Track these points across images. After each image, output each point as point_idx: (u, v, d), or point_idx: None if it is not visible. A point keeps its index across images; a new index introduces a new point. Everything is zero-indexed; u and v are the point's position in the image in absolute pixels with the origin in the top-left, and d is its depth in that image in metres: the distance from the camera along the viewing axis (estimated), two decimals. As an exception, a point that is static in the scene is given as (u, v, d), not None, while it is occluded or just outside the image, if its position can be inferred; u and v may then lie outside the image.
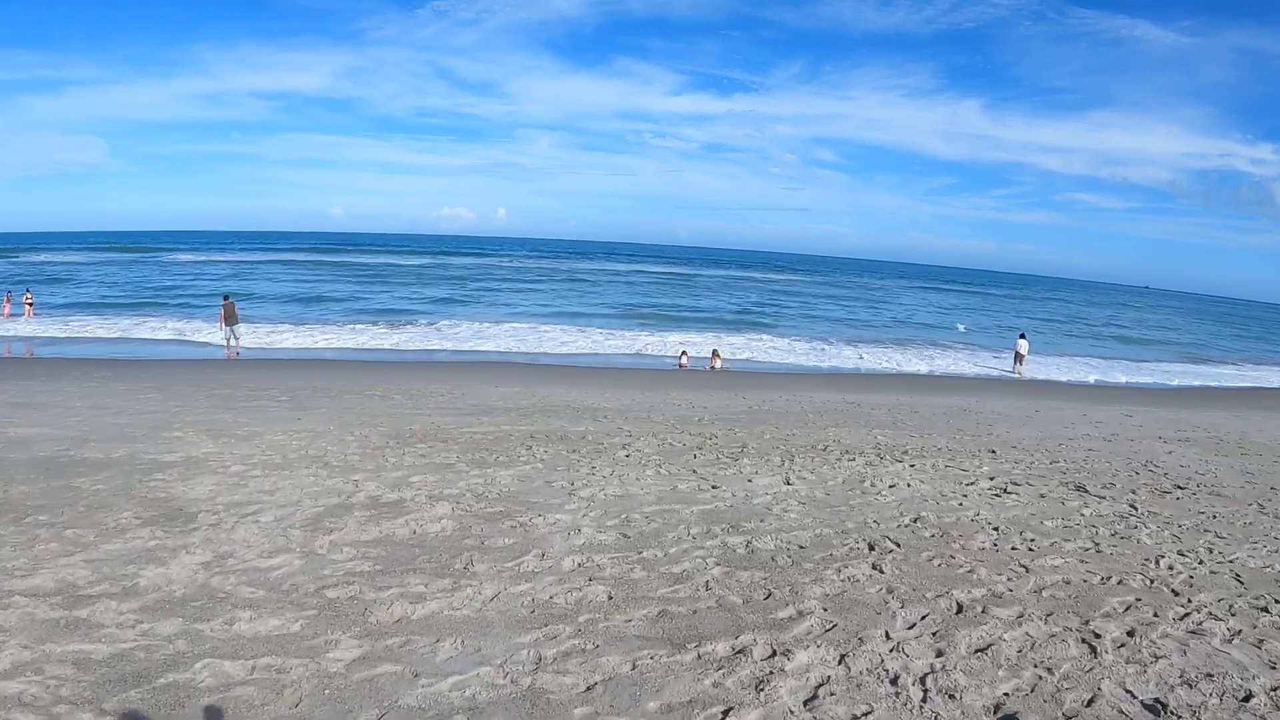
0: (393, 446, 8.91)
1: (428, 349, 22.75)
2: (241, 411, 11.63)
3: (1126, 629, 4.61)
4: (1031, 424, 14.13)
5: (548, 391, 15.27)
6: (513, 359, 21.28)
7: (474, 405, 12.93)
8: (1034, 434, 12.87)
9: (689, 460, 8.31)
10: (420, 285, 45.41)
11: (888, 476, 7.83)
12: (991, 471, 8.63)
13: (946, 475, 8.17)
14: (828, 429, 11.68)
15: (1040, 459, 9.99)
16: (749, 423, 11.98)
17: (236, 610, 4.48)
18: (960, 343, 33.11)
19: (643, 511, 6.07)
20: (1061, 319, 55.30)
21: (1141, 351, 36.05)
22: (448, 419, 11.22)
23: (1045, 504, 7.23)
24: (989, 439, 11.66)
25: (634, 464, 7.96)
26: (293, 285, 42.85)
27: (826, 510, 6.35)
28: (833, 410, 14.27)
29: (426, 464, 7.90)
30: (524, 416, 11.66)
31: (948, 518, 6.45)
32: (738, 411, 13.53)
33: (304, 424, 10.51)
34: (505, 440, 9.39)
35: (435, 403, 13.20)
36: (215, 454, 8.43)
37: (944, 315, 48.85)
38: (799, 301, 49.91)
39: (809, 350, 27.62)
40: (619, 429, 10.59)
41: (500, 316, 32.00)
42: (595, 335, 28.73)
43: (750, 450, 9.20)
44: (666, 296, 47.23)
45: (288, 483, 7.14)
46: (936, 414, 14.59)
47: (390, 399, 13.57)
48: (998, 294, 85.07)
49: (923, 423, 13.20)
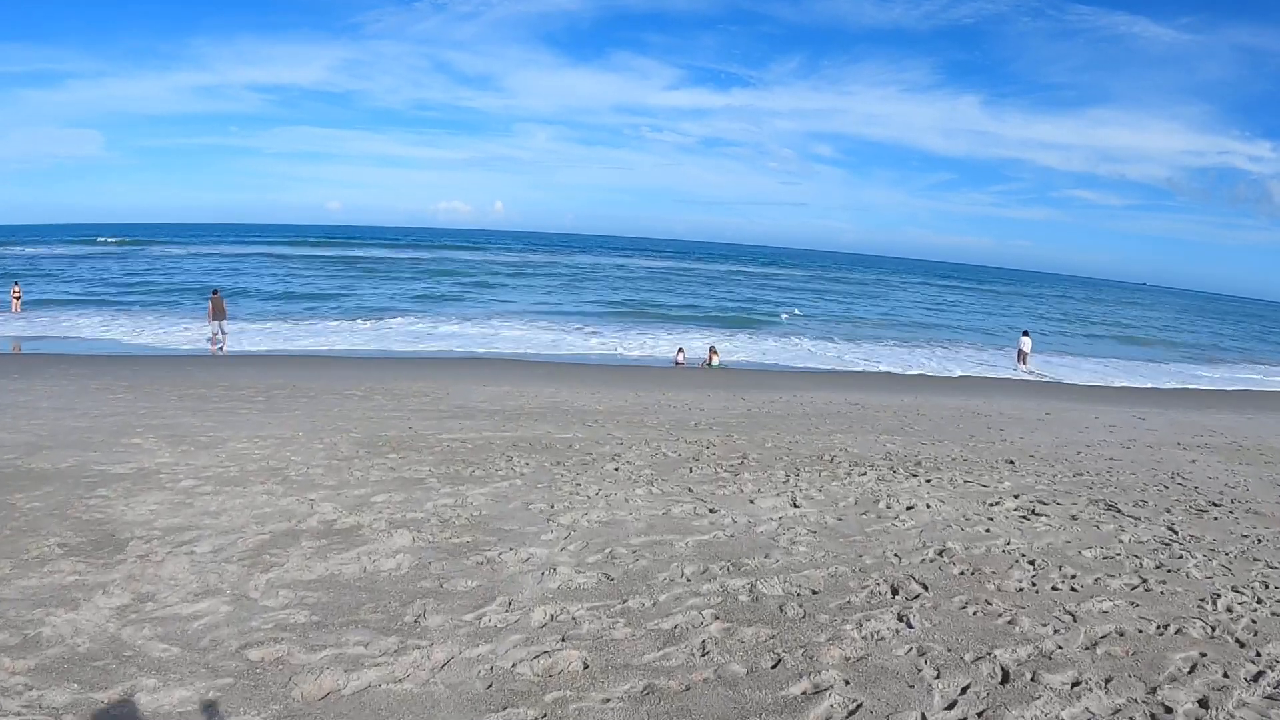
0: (362, 457, 8.11)
1: (416, 346, 21.92)
2: (211, 414, 10.84)
3: (1198, 697, 3.85)
4: (1044, 428, 13.37)
5: (537, 392, 14.47)
6: (502, 357, 20.47)
7: (457, 407, 12.13)
8: (1049, 440, 12.11)
9: (684, 475, 7.52)
10: (412, 280, 44.51)
11: (904, 495, 7.05)
12: (1015, 487, 7.85)
13: (967, 493, 7.38)
14: (833, 435, 10.90)
15: (1062, 471, 9.22)
16: (749, 427, 11.20)
17: (141, 676, 3.69)
18: (960, 340, 32.32)
19: (630, 544, 5.27)
20: (1060, 316, 54.61)
21: (1146, 351, 35.32)
22: (427, 423, 10.43)
23: (1079, 528, 6.46)
24: (1004, 446, 10.89)
25: (623, 480, 7.17)
26: (282, 279, 41.92)
27: (840, 541, 5.55)
28: (836, 413, 13.49)
29: (395, 479, 7.11)
30: (509, 420, 10.87)
31: (976, 548, 5.67)
32: (736, 414, 12.74)
33: (273, 429, 9.72)
34: (485, 450, 8.59)
35: (417, 404, 12.40)
36: (169, 465, 7.64)
37: (941, 313, 48.09)
38: (797, 297, 49.08)
39: (808, 347, 26.84)
40: (609, 436, 9.80)
41: (492, 312, 31.14)
42: (589, 331, 27.91)
43: (751, 462, 8.41)
44: (662, 292, 46.35)
45: (238, 502, 6.35)
46: (945, 417, 13.82)
47: (371, 400, 12.77)
48: (1002, 290, 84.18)
49: (932, 427, 12.43)
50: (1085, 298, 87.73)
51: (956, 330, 36.05)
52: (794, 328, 32.11)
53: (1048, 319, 49.43)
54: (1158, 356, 33.58)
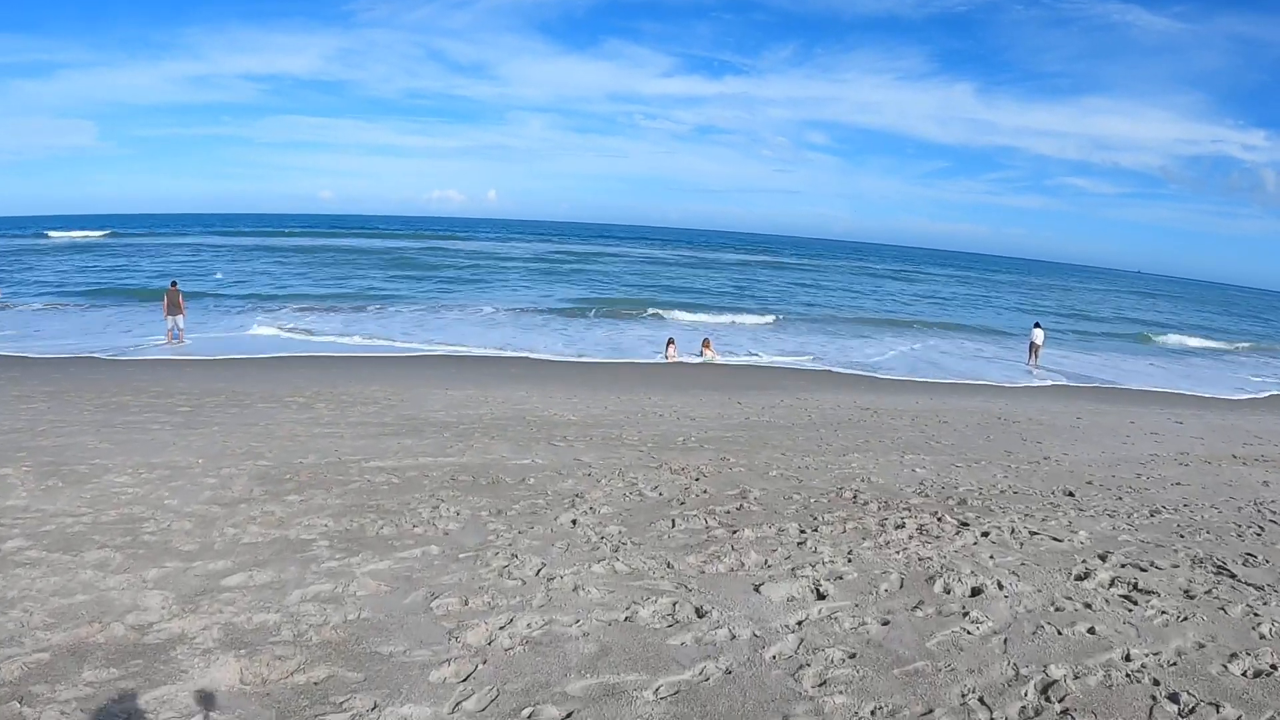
0: (253, 501, 6.18)
1: (386, 341, 19.92)
2: (117, 431, 8.92)
3: None
4: (1084, 439, 11.48)
5: (505, 396, 12.52)
6: (474, 354, 18.45)
7: (406, 419, 10.18)
8: (1096, 455, 10.22)
9: (663, 534, 5.56)
10: (397, 269, 42.34)
11: (962, 563, 5.11)
12: (1094, 540, 5.93)
13: (1040, 554, 5.46)
14: (849, 455, 8.98)
15: (1133, 505, 7.31)
16: (748, 445, 9.27)
17: None
18: (965, 332, 30.37)
19: (565, 696, 3.28)
20: (1062, 310, 52.74)
21: (1161, 346, 33.41)
22: (360, 443, 8.49)
23: (1203, 615, 4.53)
24: (1052, 468, 8.98)
25: (578, 546, 5.22)
26: (260, 270, 39.74)
27: (894, 675, 3.57)
28: (847, 421, 11.56)
29: (273, 542, 5.18)
30: (460, 438, 8.92)
31: (1088, 671, 3.74)
32: (733, 425, 10.81)
33: (172, 453, 7.78)
34: (413, 488, 6.65)
35: (361, 415, 10.45)
36: (13, 511, 5.76)
37: (942, 303, 46.09)
38: (795, 287, 47.02)
39: (806, 340, 24.86)
40: (575, 462, 7.85)
41: (474, 304, 29.06)
42: (577, 323, 25.92)
43: (753, 505, 6.47)
44: (656, 280, 44.18)
45: (51, 581, 4.45)
46: (969, 425, 11.91)
47: (310, 409, 10.82)
48: (1001, 279, 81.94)
49: (959, 440, 10.52)
50: (1083, 287, 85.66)
51: (960, 321, 34.07)
52: (791, 319, 30.12)
53: (1055, 312, 47.54)
54: (1172, 349, 31.71)
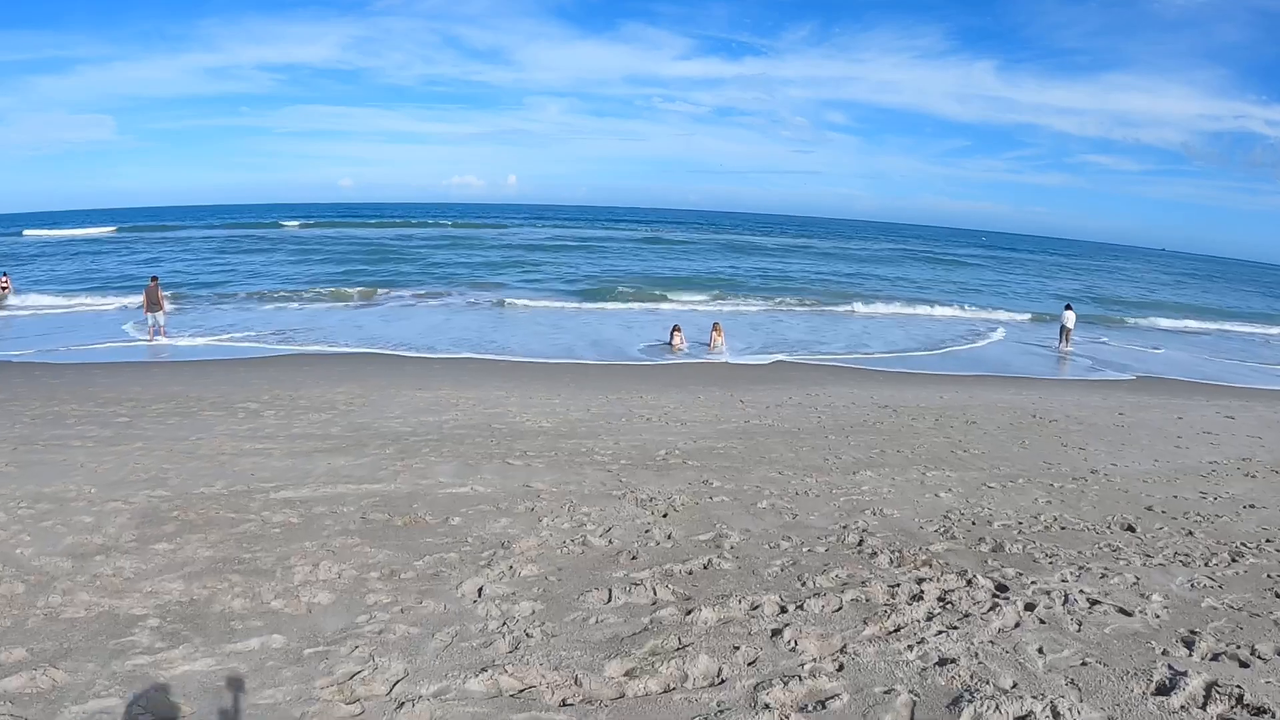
0: (113, 551, 4.93)
1: (373, 335, 18.68)
2: (34, 449, 7.82)
3: None
4: (1130, 441, 9.87)
5: (480, 397, 11.18)
6: (461, 350, 17.11)
7: (354, 429, 8.90)
8: (1147, 464, 8.64)
9: (587, 622, 4.06)
10: (406, 260, 41.15)
11: (1000, 667, 3.63)
12: (1170, 605, 4.43)
13: (1105, 642, 3.95)
14: (860, 473, 7.50)
15: (1207, 542, 5.78)
16: (740, 461, 7.83)
17: None
18: (989, 313, 28.38)
19: None
20: (1088, 290, 50.14)
21: (1192, 329, 31.12)
22: (285, 464, 7.21)
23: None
24: (1100, 485, 7.43)
25: (468, 638, 3.82)
26: (255, 261, 38.76)
27: None
28: (861, 424, 10.06)
29: (95, 619, 3.92)
30: (402, 455, 7.61)
31: None
32: (728, 431, 9.37)
33: (69, 481, 6.60)
34: (309, 531, 5.34)
35: (306, 424, 9.20)
36: None
37: (964, 282, 43.83)
38: (809, 269, 45.03)
39: (820, 325, 23.19)
40: (524, 490, 6.48)
41: (477, 293, 27.71)
42: (577, 308, 24.51)
43: (724, 563, 5.03)
44: (666, 262, 42.38)
45: None
46: (1001, 426, 10.34)
47: (258, 417, 9.61)
48: (1025, 258, 78.69)
49: (990, 446, 8.98)
50: (1106, 266, 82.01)
51: (985, 301, 32.01)
52: (806, 300, 28.38)
53: (1080, 292, 45.07)
54: (1203, 332, 29.47)
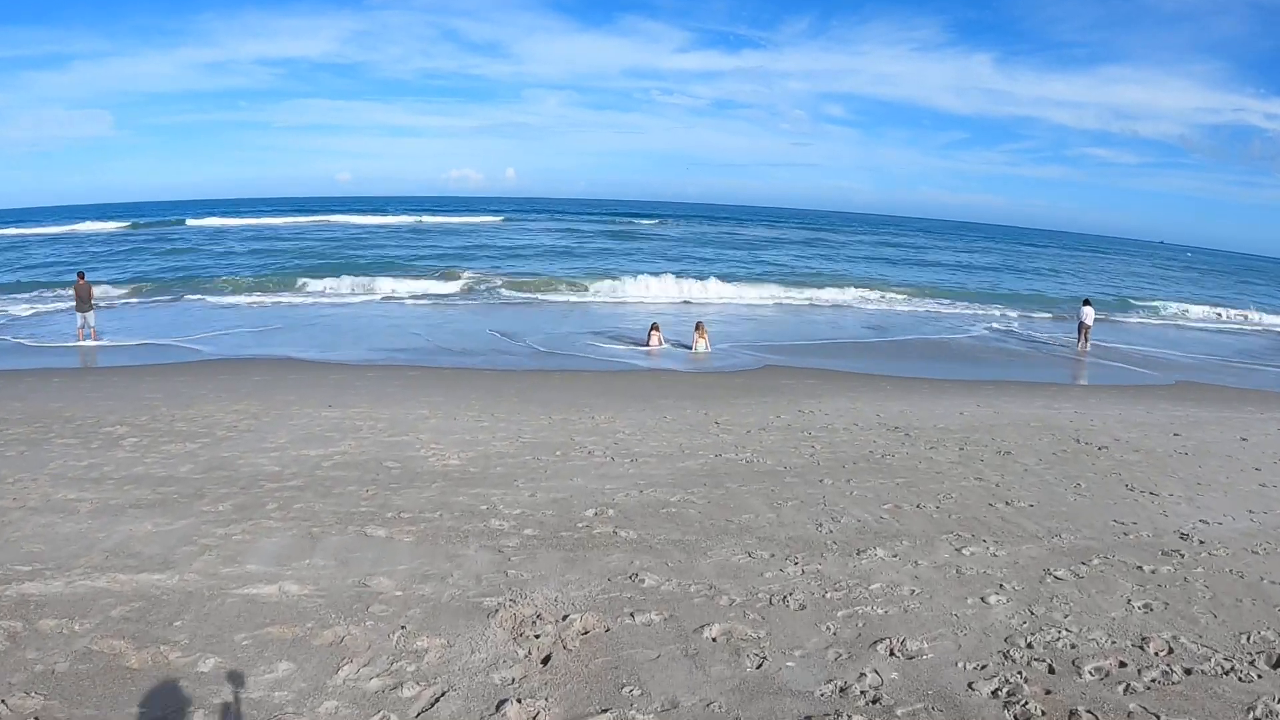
0: None
1: (315, 338, 16.43)
2: None
3: None
4: (1206, 479, 7.53)
5: (391, 417, 8.90)
6: (400, 356, 14.83)
7: (213, 465, 6.64)
8: (1243, 519, 6.36)
9: None
10: (394, 248, 38.78)
11: None
12: None
13: None
14: (869, 553, 5.21)
15: None
16: (697, 531, 5.55)
17: None
18: (1000, 310, 26.04)
19: None
20: (1095, 283, 47.72)
21: (1212, 326, 28.79)
22: (80, 528, 4.98)
23: None
24: (1205, 565, 5.14)
25: None
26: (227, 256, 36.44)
27: None
28: (866, 458, 7.75)
29: None
30: (232, 517, 5.34)
31: None
32: (691, 472, 7.08)
33: None
34: None
35: (156, 459, 6.96)
36: None
37: (972, 276, 41.41)
38: (808, 263, 42.57)
39: (819, 321, 20.88)
40: (353, 594, 4.22)
41: (453, 288, 25.35)
42: (570, 297, 22.22)
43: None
44: (658, 255, 39.85)
45: None
46: (1043, 457, 8.04)
47: (112, 447, 7.42)
48: (1030, 250, 75.81)
49: (1040, 494, 6.69)
50: (1107, 257, 79.22)
51: (994, 298, 29.62)
52: (807, 294, 26.02)
53: (1088, 285, 42.63)
54: (1224, 328, 27.17)
